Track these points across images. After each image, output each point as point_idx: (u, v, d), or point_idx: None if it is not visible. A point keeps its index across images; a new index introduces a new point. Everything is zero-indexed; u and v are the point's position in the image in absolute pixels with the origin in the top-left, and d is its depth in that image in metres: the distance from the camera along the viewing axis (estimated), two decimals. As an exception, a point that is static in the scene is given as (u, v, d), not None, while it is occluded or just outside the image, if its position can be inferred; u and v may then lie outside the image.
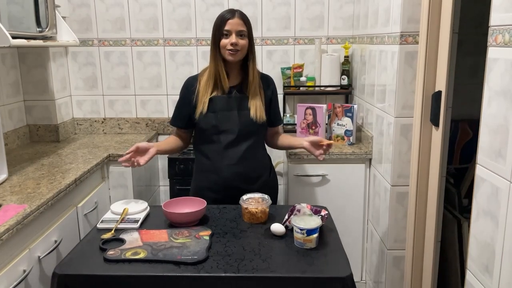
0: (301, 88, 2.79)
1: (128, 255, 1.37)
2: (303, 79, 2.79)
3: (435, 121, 1.78)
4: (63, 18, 2.40)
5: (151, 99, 2.95)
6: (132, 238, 1.49)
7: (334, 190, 2.47)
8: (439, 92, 1.74)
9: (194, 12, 2.83)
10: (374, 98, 2.32)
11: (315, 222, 1.46)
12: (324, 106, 2.51)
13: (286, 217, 1.57)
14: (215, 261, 1.35)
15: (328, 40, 2.86)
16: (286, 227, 1.54)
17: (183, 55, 2.88)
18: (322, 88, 2.79)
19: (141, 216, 1.66)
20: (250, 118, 1.87)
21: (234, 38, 1.79)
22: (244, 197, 1.69)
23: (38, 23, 2.07)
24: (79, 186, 1.98)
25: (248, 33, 1.84)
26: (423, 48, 1.79)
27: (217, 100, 1.87)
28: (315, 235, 1.43)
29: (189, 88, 1.93)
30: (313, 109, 2.52)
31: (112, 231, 1.55)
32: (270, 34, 2.85)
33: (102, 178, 2.34)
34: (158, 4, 2.82)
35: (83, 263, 1.36)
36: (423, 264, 1.96)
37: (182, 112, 1.95)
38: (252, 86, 1.88)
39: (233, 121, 1.87)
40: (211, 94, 1.87)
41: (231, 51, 1.80)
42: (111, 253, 1.39)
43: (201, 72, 1.95)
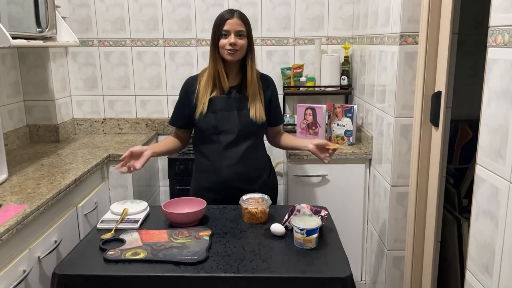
0: (301, 88, 2.79)
1: (128, 255, 1.37)
2: (303, 79, 2.79)
3: (435, 121, 1.78)
4: (63, 18, 2.40)
5: (151, 99, 2.95)
6: (132, 238, 1.49)
7: (334, 190, 2.47)
8: (439, 93, 1.74)
9: (194, 12, 2.83)
10: (374, 98, 2.32)
11: (315, 222, 1.46)
12: (324, 106, 2.51)
13: (286, 217, 1.57)
14: (215, 261, 1.35)
15: (328, 41, 2.86)
16: (286, 227, 1.54)
17: (183, 55, 2.88)
18: (322, 88, 2.79)
19: (141, 216, 1.66)
20: (249, 118, 1.87)
21: (233, 38, 1.79)
22: (244, 197, 1.69)
23: (38, 24, 2.07)
24: (79, 186, 1.98)
25: (247, 33, 1.84)
26: (423, 49, 1.79)
27: (216, 100, 1.87)
28: (315, 235, 1.43)
29: (189, 88, 1.93)
30: (313, 109, 2.52)
31: (112, 231, 1.55)
32: (270, 34, 2.86)
33: (102, 178, 2.34)
34: (158, 4, 2.82)
35: (83, 263, 1.36)
36: (423, 264, 1.96)
37: (182, 112, 1.95)
38: (251, 86, 1.87)
39: (232, 121, 1.87)
40: (210, 94, 1.87)
41: (230, 51, 1.80)
42: (111, 253, 1.39)
43: (201, 72, 1.95)
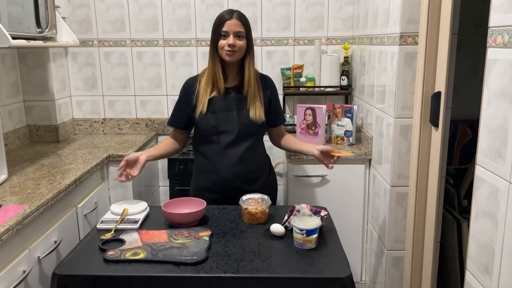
0: (300, 88, 2.80)
1: (128, 255, 1.37)
2: (302, 79, 2.79)
3: (434, 121, 1.78)
4: (63, 18, 2.40)
5: (151, 99, 2.95)
6: (131, 239, 1.49)
7: (334, 190, 2.47)
8: (439, 93, 1.74)
9: (194, 13, 2.83)
10: (374, 99, 2.32)
11: (314, 222, 1.46)
12: (324, 106, 2.51)
13: (286, 217, 1.57)
14: (215, 261, 1.35)
15: (327, 41, 2.86)
16: (286, 227, 1.54)
17: (183, 55, 2.88)
18: (322, 88, 2.79)
19: (140, 217, 1.66)
20: (249, 118, 1.87)
21: (231, 39, 1.80)
22: (244, 197, 1.69)
23: (38, 24, 2.07)
24: (79, 187, 1.98)
25: (246, 34, 1.84)
26: (422, 49, 1.79)
27: (216, 100, 1.88)
28: (315, 236, 1.43)
29: (188, 89, 1.93)
30: (312, 109, 2.52)
31: (112, 232, 1.55)
32: (270, 34, 2.86)
33: (102, 179, 2.34)
34: (158, 5, 2.82)
35: (82, 264, 1.36)
36: (422, 264, 1.96)
37: (182, 112, 1.95)
38: (249, 87, 1.87)
39: (232, 121, 1.87)
40: (210, 94, 1.87)
41: (229, 52, 1.81)
42: (111, 253, 1.39)
43: (201, 73, 1.96)
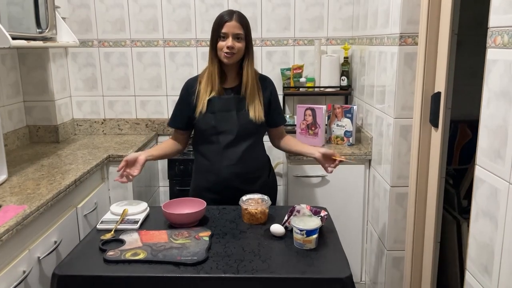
0: (300, 89, 2.80)
1: (128, 255, 1.37)
2: (302, 80, 2.80)
3: (434, 122, 1.78)
4: (63, 19, 2.40)
5: (151, 100, 2.95)
6: (131, 239, 1.49)
7: (334, 191, 2.47)
8: (439, 93, 1.74)
9: (194, 13, 2.83)
10: (374, 99, 2.32)
11: (314, 223, 1.46)
12: (324, 107, 2.51)
13: (286, 217, 1.57)
14: (215, 262, 1.35)
15: (327, 41, 2.86)
16: (286, 227, 1.54)
17: (183, 56, 2.89)
18: (322, 89, 2.79)
19: (140, 217, 1.66)
20: (249, 118, 1.87)
21: (230, 42, 1.80)
22: (244, 197, 1.69)
23: (38, 24, 2.07)
24: (79, 187, 1.98)
25: (246, 35, 1.84)
26: (422, 49, 1.79)
27: (216, 101, 1.88)
28: (315, 236, 1.43)
29: (189, 90, 1.93)
30: (312, 110, 2.52)
31: (112, 232, 1.55)
32: (269, 35, 2.86)
33: (102, 179, 2.34)
34: (158, 5, 2.82)
35: (82, 264, 1.36)
36: (422, 264, 1.96)
37: (182, 113, 1.95)
38: (248, 87, 1.88)
39: (232, 121, 1.87)
40: (210, 94, 1.88)
41: (227, 54, 1.81)
42: (110, 253, 1.39)
43: (201, 73, 1.96)
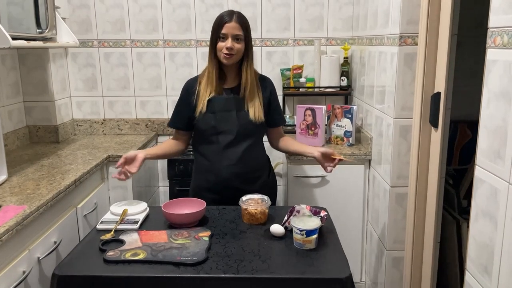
0: (300, 89, 2.80)
1: (128, 256, 1.37)
2: (302, 80, 2.80)
3: (434, 122, 1.78)
4: (63, 19, 2.40)
5: (150, 100, 2.95)
6: (131, 239, 1.49)
7: (334, 191, 2.47)
8: (438, 94, 1.75)
9: (194, 13, 2.83)
10: (374, 99, 2.32)
11: (314, 223, 1.46)
12: (324, 107, 2.51)
13: (286, 218, 1.57)
14: (215, 262, 1.35)
15: (327, 41, 2.86)
16: (286, 228, 1.54)
17: (183, 56, 2.89)
18: (322, 89, 2.79)
19: (140, 217, 1.66)
20: (248, 118, 1.87)
21: (229, 43, 1.80)
22: (244, 198, 1.69)
23: (38, 24, 2.07)
24: (79, 187, 1.98)
25: (245, 36, 1.84)
26: (422, 50, 1.79)
27: (216, 101, 1.88)
28: (315, 236, 1.43)
29: (189, 90, 1.93)
30: (312, 110, 2.52)
31: (112, 232, 1.55)
32: (269, 35, 2.86)
33: (102, 179, 2.34)
34: (158, 5, 2.82)
35: (82, 264, 1.36)
36: (422, 265, 1.97)
37: (182, 113, 1.95)
38: (247, 88, 1.88)
39: (231, 121, 1.87)
40: (210, 94, 1.88)
41: (226, 55, 1.81)
42: (110, 254, 1.39)
43: (201, 73, 1.96)
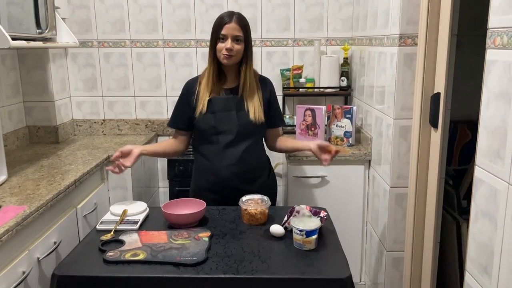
0: (300, 89, 2.80)
1: (128, 256, 1.37)
2: (302, 80, 2.80)
3: (434, 122, 1.78)
4: (63, 19, 2.40)
5: (150, 100, 2.95)
6: (131, 239, 1.49)
7: (333, 191, 2.47)
8: (438, 94, 1.75)
9: (194, 14, 2.83)
10: (373, 100, 2.32)
11: (314, 223, 1.46)
12: (324, 107, 2.51)
13: (286, 218, 1.57)
14: (215, 262, 1.35)
15: (327, 42, 2.86)
16: (286, 228, 1.54)
17: (183, 56, 2.89)
18: (322, 89, 2.79)
19: (140, 218, 1.66)
20: (248, 119, 1.88)
21: (229, 43, 1.80)
22: (244, 198, 1.69)
23: (38, 25, 2.07)
24: (79, 188, 1.98)
25: (245, 37, 1.84)
26: (422, 50, 1.79)
27: (216, 101, 1.88)
28: (314, 237, 1.43)
29: (189, 90, 1.94)
30: (312, 110, 2.52)
31: (112, 232, 1.55)
32: (269, 35, 2.86)
33: (102, 179, 2.34)
34: (157, 6, 2.82)
35: (82, 265, 1.36)
36: (422, 265, 1.97)
37: (182, 113, 1.95)
38: (246, 88, 1.88)
39: (231, 122, 1.88)
40: (210, 95, 1.88)
41: (226, 55, 1.81)
42: (110, 254, 1.39)
43: (201, 73, 1.96)
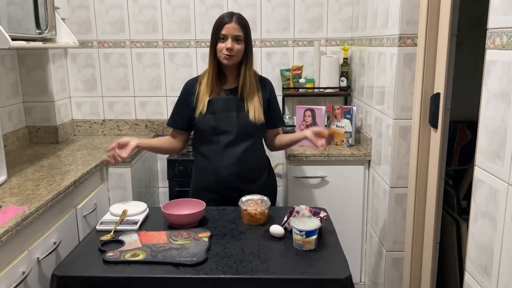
0: (300, 89, 2.80)
1: (127, 256, 1.37)
2: (302, 80, 2.80)
3: (433, 123, 1.78)
4: (63, 19, 2.40)
5: (150, 100, 2.95)
6: (131, 240, 1.49)
7: (333, 191, 2.47)
8: (438, 94, 1.75)
9: (194, 14, 2.83)
10: (373, 100, 2.32)
11: (314, 223, 1.46)
12: (323, 107, 2.51)
13: (285, 218, 1.57)
14: (214, 262, 1.35)
15: (327, 42, 2.86)
16: (285, 228, 1.54)
17: (183, 56, 2.89)
18: (321, 90, 2.79)
19: (140, 218, 1.66)
20: (248, 119, 1.88)
21: (229, 43, 1.80)
22: (243, 198, 1.69)
23: (38, 25, 2.07)
24: (78, 188, 1.98)
25: (245, 37, 1.85)
26: (421, 50, 1.80)
27: (216, 101, 1.88)
28: (314, 237, 1.43)
29: (189, 90, 1.94)
30: (312, 110, 2.52)
31: (111, 233, 1.55)
32: (269, 36, 2.86)
33: (102, 180, 2.34)
34: (157, 6, 2.82)
35: (82, 265, 1.36)
36: (422, 265, 1.97)
37: (182, 113, 1.96)
38: (246, 89, 1.88)
39: (231, 122, 1.88)
40: (210, 95, 1.88)
41: (227, 55, 1.81)
42: (110, 254, 1.39)
43: (202, 74, 1.96)
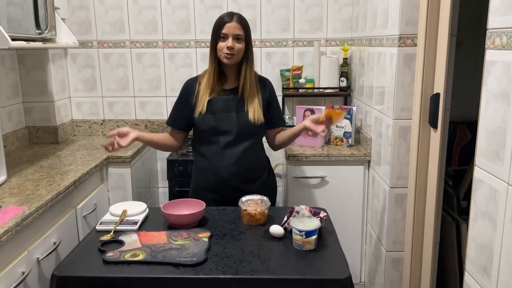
0: (300, 90, 2.80)
1: (127, 257, 1.37)
2: (302, 81, 2.80)
3: (433, 123, 1.78)
4: (63, 20, 2.40)
5: (150, 100, 2.95)
6: (131, 240, 1.49)
7: (333, 192, 2.47)
8: (438, 94, 1.75)
9: (193, 14, 2.83)
10: (373, 100, 2.32)
11: (314, 224, 1.46)
12: (323, 108, 2.51)
13: (285, 218, 1.57)
14: (214, 262, 1.35)
15: (327, 42, 2.86)
16: (285, 229, 1.54)
17: (182, 57, 2.89)
18: (321, 90, 2.79)
19: (140, 218, 1.66)
20: (248, 120, 1.88)
21: (230, 42, 1.80)
22: (243, 198, 1.69)
23: (38, 25, 2.07)
24: (78, 188, 1.98)
25: (246, 37, 1.85)
26: (421, 50, 1.80)
27: (216, 101, 1.88)
28: (314, 237, 1.43)
29: (188, 90, 1.94)
30: (312, 111, 2.52)
31: (111, 233, 1.55)
32: (269, 36, 2.86)
33: (101, 180, 2.34)
34: (157, 6, 2.82)
35: (82, 265, 1.36)
36: (421, 265, 1.97)
37: (181, 113, 1.96)
38: (246, 89, 1.88)
39: (231, 122, 1.88)
40: (210, 95, 1.88)
41: (227, 54, 1.82)
42: (110, 255, 1.39)
43: (201, 73, 1.97)
